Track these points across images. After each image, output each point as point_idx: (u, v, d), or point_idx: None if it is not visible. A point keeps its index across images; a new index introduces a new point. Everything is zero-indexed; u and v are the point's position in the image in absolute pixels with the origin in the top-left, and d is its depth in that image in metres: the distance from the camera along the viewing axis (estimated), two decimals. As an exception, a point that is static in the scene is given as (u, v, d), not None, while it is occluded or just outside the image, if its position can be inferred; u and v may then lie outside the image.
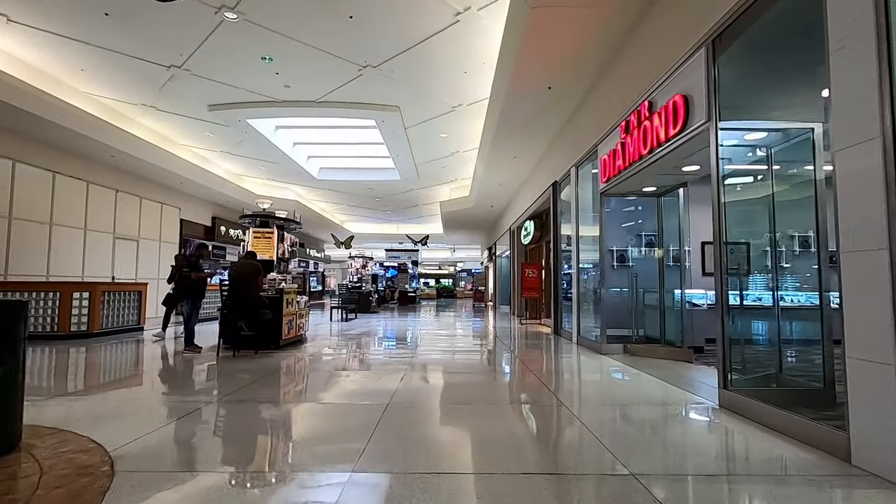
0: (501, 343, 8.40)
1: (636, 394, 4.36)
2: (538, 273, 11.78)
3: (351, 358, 6.55)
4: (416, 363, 6.00)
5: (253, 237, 7.54)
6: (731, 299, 4.03)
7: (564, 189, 9.33)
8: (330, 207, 22.07)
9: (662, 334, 6.77)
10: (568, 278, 8.83)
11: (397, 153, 13.38)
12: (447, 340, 8.80)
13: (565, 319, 9.20)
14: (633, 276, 7.07)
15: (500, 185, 13.90)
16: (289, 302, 7.20)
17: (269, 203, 8.30)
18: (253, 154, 13.83)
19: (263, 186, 17.46)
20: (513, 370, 5.67)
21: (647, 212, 7.69)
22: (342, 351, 7.14)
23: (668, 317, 6.79)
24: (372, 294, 15.92)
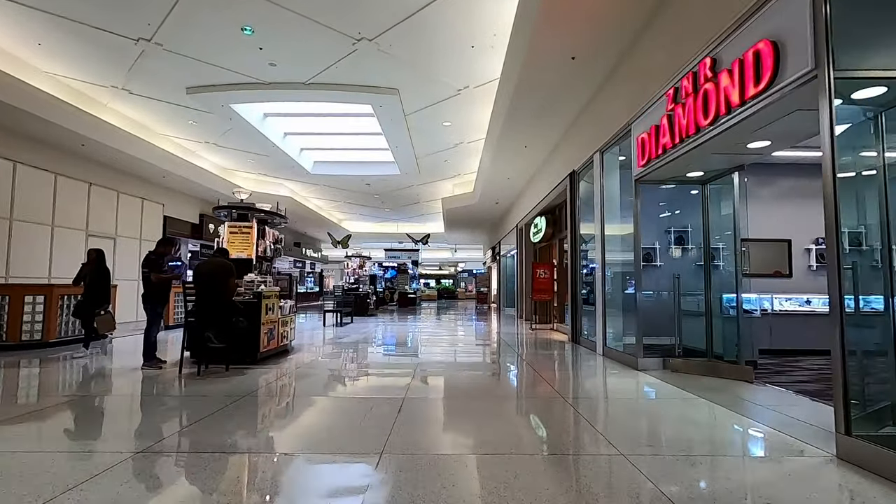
0: (515, 355, 7.32)
1: (715, 437, 3.27)
2: (550, 274, 10.71)
3: (338, 377, 5.46)
4: (417, 386, 4.91)
5: (228, 232, 6.46)
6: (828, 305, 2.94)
7: (584, 179, 8.25)
8: (326, 205, 20.99)
9: (709, 346, 5.69)
10: (590, 279, 7.76)
11: (396, 144, 12.30)
12: (451, 351, 7.71)
13: (586, 326, 8.12)
14: (674, 276, 5.98)
15: (508, 180, 12.82)
16: (269, 308, 6.11)
17: (248, 194, 7.21)
18: (241, 146, 12.76)
19: (255, 182, 16.38)
20: (537, 395, 4.58)
21: (689, 202, 6.62)
22: (329, 367, 6.05)
23: (716, 325, 5.71)
24: (370, 296, 14.84)
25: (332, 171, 15.21)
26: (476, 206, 16.58)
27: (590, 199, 8.16)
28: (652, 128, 5.17)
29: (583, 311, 8.19)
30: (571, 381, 5.13)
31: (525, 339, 9.14)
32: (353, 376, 5.45)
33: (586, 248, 8.20)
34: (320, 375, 5.41)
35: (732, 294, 5.70)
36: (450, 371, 5.73)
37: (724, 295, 5.72)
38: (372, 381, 5.17)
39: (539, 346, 8.08)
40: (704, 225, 5.95)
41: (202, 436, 3.12)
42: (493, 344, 8.60)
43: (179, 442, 3.02)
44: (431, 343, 8.47)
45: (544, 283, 10.68)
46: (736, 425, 3.44)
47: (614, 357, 6.46)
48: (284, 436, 3.22)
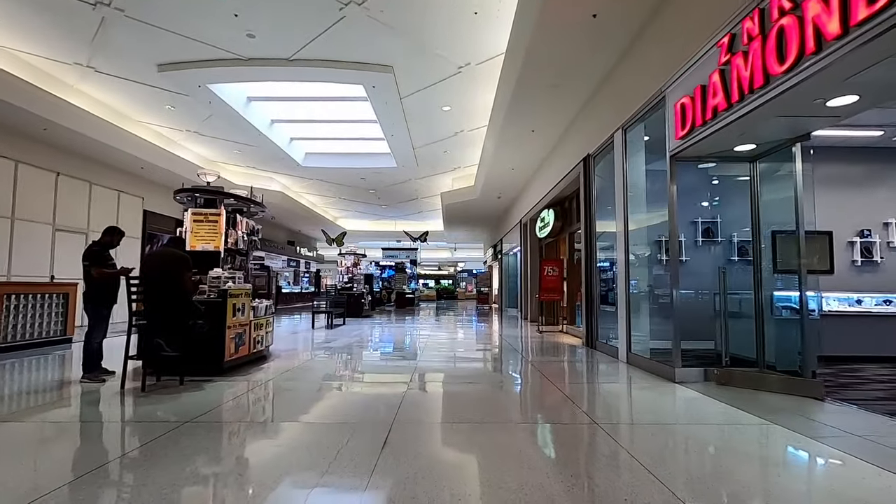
0: (524, 363, 6.36)
1: (843, 493, 2.31)
2: (559, 271, 9.76)
3: (314, 392, 4.49)
4: (409, 405, 3.95)
5: (192, 220, 5.49)
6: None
7: (601, 164, 7.30)
8: (320, 201, 20.03)
9: (760, 354, 4.74)
10: (609, 276, 6.81)
11: (392, 132, 11.35)
12: (451, 359, 6.75)
13: (603, 329, 7.17)
14: (720, 270, 5.03)
15: (512, 170, 11.87)
16: (237, 308, 5.15)
17: (215, 177, 6.23)
18: (225, 134, 11.80)
19: (244, 176, 15.43)
20: (562, 419, 3.62)
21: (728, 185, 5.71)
22: (307, 378, 5.09)
23: (768, 329, 4.76)
24: (364, 296, 13.87)
25: (325, 164, 14.25)
26: (477, 202, 15.64)
27: (607, 186, 7.21)
28: (697, 89, 4.22)
29: (599, 313, 7.24)
30: (601, 399, 4.17)
31: (533, 343, 8.18)
32: (333, 391, 4.48)
33: (604, 241, 7.25)
34: (293, 390, 4.45)
35: (787, 293, 4.76)
36: (449, 385, 4.77)
37: (777, 294, 4.78)
38: (356, 398, 4.21)
39: (550, 352, 7.12)
40: (753, 211, 4.99)
41: (99, 491, 2.16)
42: (498, 349, 7.64)
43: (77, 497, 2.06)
44: (429, 348, 7.51)
45: (553, 282, 9.73)
46: (849, 476, 2.48)
47: (642, 365, 5.50)
48: (218, 487, 2.26)
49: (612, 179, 6.61)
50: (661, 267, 6.48)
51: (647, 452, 2.69)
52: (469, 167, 14.52)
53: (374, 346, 7.78)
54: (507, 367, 5.92)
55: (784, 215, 5.01)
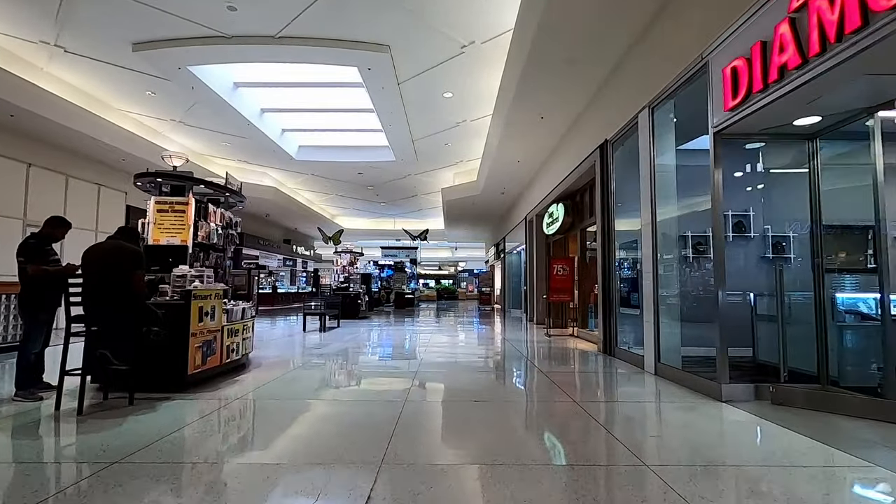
0: (537, 373, 5.58)
1: None
2: (570, 270, 8.98)
3: (288, 414, 3.72)
4: (403, 435, 3.18)
5: (156, 210, 4.73)
6: None
7: (621, 150, 6.53)
8: (316, 198, 19.27)
9: (822, 368, 3.97)
10: (632, 275, 6.04)
11: (390, 123, 10.59)
12: (453, 368, 5.99)
13: (623, 334, 6.40)
14: (776, 269, 4.26)
15: (518, 163, 11.10)
16: (205, 312, 4.38)
17: (184, 160, 5.47)
18: (212, 124, 11.04)
19: (235, 170, 14.65)
20: (597, 456, 2.85)
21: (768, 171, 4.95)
22: (283, 395, 4.32)
23: (831, 338, 3.99)
24: (361, 296, 13.11)
25: (319, 157, 13.49)
26: (479, 198, 14.87)
27: (629, 174, 6.44)
28: (755, 47, 3.44)
29: (618, 316, 6.46)
30: (639, 426, 3.39)
31: (542, 349, 7.41)
32: (311, 413, 3.72)
33: (624, 236, 6.48)
34: (264, 412, 3.68)
35: (857, 294, 3.99)
36: (451, 406, 3.99)
37: (844, 296, 4.01)
38: (338, 425, 3.43)
39: (564, 361, 6.35)
40: (813, 199, 4.22)
41: None
42: (505, 357, 6.86)
43: None
44: (428, 353, 6.75)
45: (563, 282, 8.95)
46: None
47: (675, 378, 4.73)
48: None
49: (634, 167, 5.84)
50: (693, 264, 5.73)
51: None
52: (471, 161, 13.76)
53: (368, 353, 7.01)
54: (518, 380, 5.15)
55: (848, 205, 4.25)
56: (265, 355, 6.46)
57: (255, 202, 16.21)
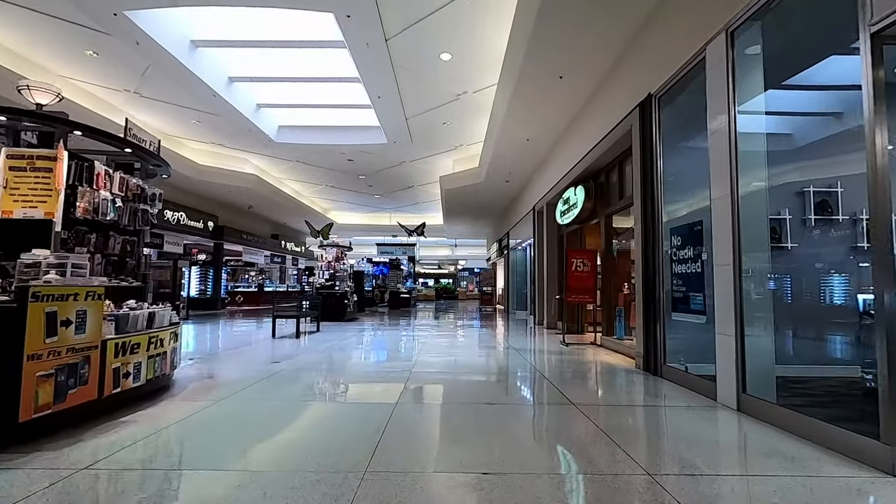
0: (572, 409, 3.97)
1: None
2: (591, 265, 7.39)
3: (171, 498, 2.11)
4: None
5: (6, 167, 3.16)
6: None
7: (672, 106, 4.94)
8: (305, 189, 17.68)
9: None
10: (691, 268, 4.43)
11: (379, 93, 8.99)
12: (454, 396, 4.40)
13: (676, 346, 4.81)
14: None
15: (527, 142, 9.50)
16: (63, 322, 2.79)
17: (54, 97, 3.84)
18: (172, 96, 9.44)
19: (210, 155, 13.08)
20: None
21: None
22: (194, 448, 2.73)
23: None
24: (348, 296, 11.52)
25: (303, 139, 11.88)
26: (482, 187, 13.27)
27: (683, 138, 4.87)
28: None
29: (667, 322, 4.87)
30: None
31: (563, 364, 5.82)
32: (225, 486, 2.14)
33: (678, 219, 4.88)
34: (126, 494, 2.10)
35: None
36: (449, 487, 2.40)
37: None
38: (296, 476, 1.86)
39: (597, 383, 4.75)
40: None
41: None
42: (519, 377, 5.26)
43: None
44: (417, 372, 5.16)
45: (583, 279, 7.36)
46: None
47: (778, 422, 3.14)
48: None
49: (691, 128, 4.27)
50: (783, 253, 4.18)
51: None
52: (473, 145, 12.17)
53: (339, 370, 5.42)
54: (543, 420, 3.55)
55: None
56: (206, 372, 4.89)
57: (236, 192, 14.63)
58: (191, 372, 4.93)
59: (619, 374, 5.10)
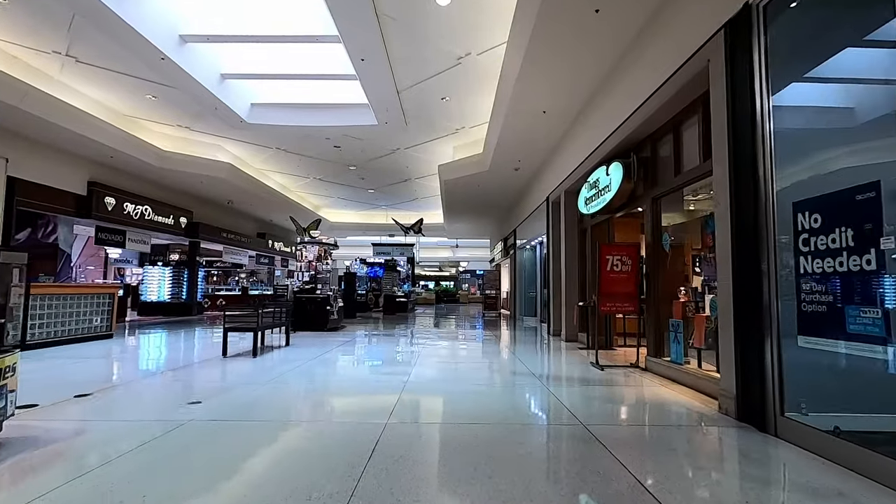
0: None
1: None
2: (633, 265, 5.64)
3: None
4: None
5: None
6: None
7: (786, 16, 3.19)
8: (291, 183, 15.96)
9: None
10: (840, 267, 2.64)
11: (362, 53, 7.24)
12: (455, 469, 2.61)
13: (797, 388, 3.04)
14: None
15: (545, 114, 7.75)
16: None
17: None
18: (115, 61, 7.71)
19: (177, 140, 11.38)
20: None
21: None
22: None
23: None
24: (331, 301, 9.77)
25: (280, 120, 10.16)
26: (486, 177, 11.54)
27: (808, 59, 3.13)
28: None
29: (782, 348, 3.09)
30: None
31: (606, 403, 4.07)
32: None
33: (799, 186, 3.11)
34: None
35: None
36: None
37: None
38: None
39: (677, 447, 2.99)
40: None
41: None
42: (548, 429, 3.49)
43: None
44: (402, 420, 3.45)
45: (621, 283, 5.60)
46: None
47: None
48: None
49: (839, 32, 2.53)
50: None
51: None
52: (477, 128, 10.45)
53: (286, 416, 3.67)
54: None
55: None
56: (73, 421, 3.15)
57: (209, 183, 12.92)
58: (48, 423, 3.19)
59: (702, 426, 3.33)
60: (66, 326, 7.32)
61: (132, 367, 5.66)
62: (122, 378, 4.88)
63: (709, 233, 4.81)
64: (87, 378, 4.86)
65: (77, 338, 7.47)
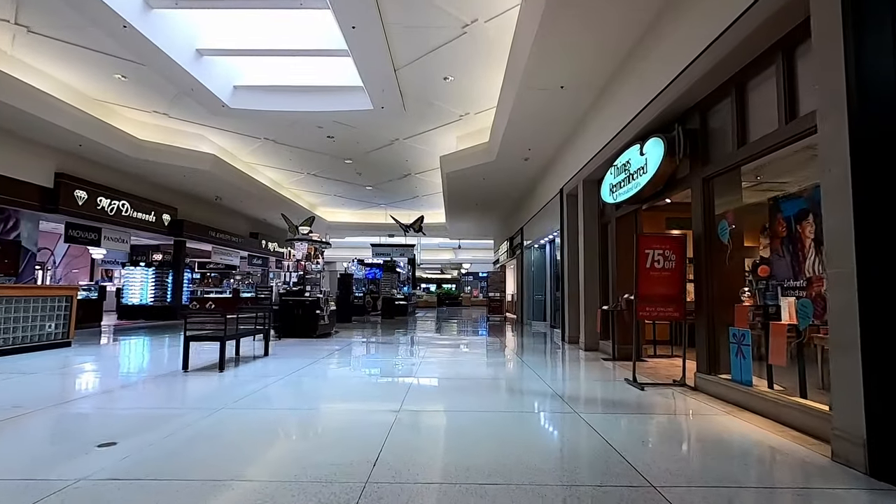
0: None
1: None
2: (678, 260, 4.61)
3: None
4: None
5: None
6: None
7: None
8: (284, 179, 14.97)
9: None
10: None
11: (352, 20, 6.23)
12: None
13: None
14: None
15: (562, 90, 6.72)
16: None
17: None
18: (72, 32, 6.74)
19: (157, 129, 10.40)
20: None
21: None
22: None
23: None
24: (322, 304, 8.75)
25: (266, 104, 9.16)
26: (493, 169, 10.53)
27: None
28: None
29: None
30: None
31: (664, 443, 3.07)
32: None
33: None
34: None
35: None
36: None
37: None
38: None
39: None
40: None
41: None
42: (607, 493, 2.46)
43: None
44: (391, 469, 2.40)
45: (664, 282, 4.57)
46: None
47: None
48: None
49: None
50: None
51: None
52: (483, 114, 9.44)
53: (245, 457, 2.65)
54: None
55: None
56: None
57: (192, 177, 11.94)
58: None
59: (824, 489, 2.29)
60: (11, 334, 6.31)
61: (62, 386, 4.63)
62: (36, 401, 3.85)
63: (783, 217, 3.78)
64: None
65: (25, 347, 6.46)
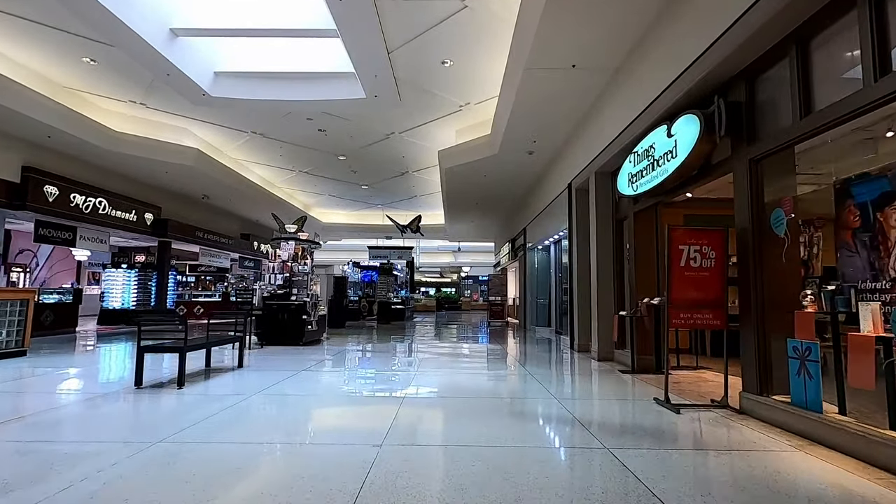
0: None
1: None
2: (719, 258, 3.87)
3: None
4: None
5: None
6: None
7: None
8: (276, 177, 14.25)
9: None
10: None
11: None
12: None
13: None
14: None
15: (574, 70, 6.00)
16: None
17: None
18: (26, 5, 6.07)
19: (136, 121, 9.69)
20: None
21: None
22: None
23: None
24: (309, 309, 8.00)
25: (250, 92, 8.44)
26: (494, 163, 9.83)
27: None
28: None
29: None
30: None
31: (729, 487, 2.31)
32: None
33: None
34: None
35: None
36: None
37: None
38: None
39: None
40: None
41: None
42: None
43: None
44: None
45: (703, 285, 3.84)
46: None
47: None
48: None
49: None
50: None
51: None
52: (485, 103, 8.73)
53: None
54: None
55: None
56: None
57: (176, 173, 11.21)
58: None
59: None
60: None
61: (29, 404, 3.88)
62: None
63: (856, 205, 3.06)
64: None
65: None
